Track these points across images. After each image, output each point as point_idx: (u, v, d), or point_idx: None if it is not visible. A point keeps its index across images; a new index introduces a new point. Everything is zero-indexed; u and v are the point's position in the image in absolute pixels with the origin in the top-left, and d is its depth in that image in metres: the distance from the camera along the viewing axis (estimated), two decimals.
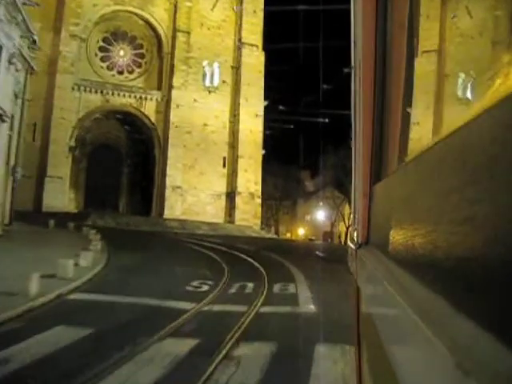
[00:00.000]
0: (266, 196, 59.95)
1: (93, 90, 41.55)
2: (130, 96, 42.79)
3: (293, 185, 64.60)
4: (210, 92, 45.48)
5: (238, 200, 44.78)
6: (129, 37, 45.20)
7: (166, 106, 43.71)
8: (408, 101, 1.72)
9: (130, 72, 45.10)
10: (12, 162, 23.62)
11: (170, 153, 42.86)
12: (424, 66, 38.90)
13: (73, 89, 40.69)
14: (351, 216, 2.23)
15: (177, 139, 43.16)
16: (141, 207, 45.51)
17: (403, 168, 1.11)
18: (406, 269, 0.83)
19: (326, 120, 46.32)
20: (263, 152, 51.68)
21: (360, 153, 1.68)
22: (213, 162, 45.08)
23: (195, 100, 44.27)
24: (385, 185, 1.37)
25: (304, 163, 59.69)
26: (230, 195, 45.33)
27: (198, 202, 44.16)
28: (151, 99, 43.54)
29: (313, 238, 61.38)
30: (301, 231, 65.28)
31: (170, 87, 43.51)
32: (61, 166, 39.74)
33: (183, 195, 43.50)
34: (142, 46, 45.62)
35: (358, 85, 1.71)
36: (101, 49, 44.23)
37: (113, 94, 42.21)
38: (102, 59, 44.15)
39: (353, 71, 1.80)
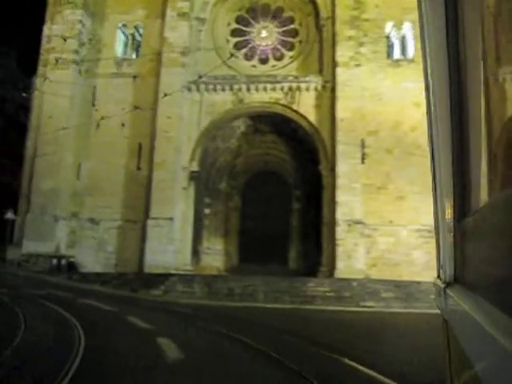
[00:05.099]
0: None
1: (218, 88, 27.88)
2: (273, 89, 28.00)
3: None
4: (400, 68, 28.19)
5: None
6: (273, 10, 31.05)
7: (331, 96, 27.73)
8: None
9: (279, 58, 30.51)
10: None
11: (340, 167, 26.20)
12: None
13: (189, 89, 27.67)
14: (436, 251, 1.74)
15: (349, 145, 26.38)
16: (314, 259, 29.47)
17: (497, 201, 0.99)
18: (502, 308, 0.79)
19: None
20: None
21: (441, 183, 1.55)
22: (417, 178, 26.90)
23: (377, 81, 27.35)
24: (474, 220, 1.25)
25: None
26: None
27: (396, 245, 26.17)
28: (307, 89, 27.99)
29: None
30: None
31: (335, 66, 27.59)
32: (173, 201, 26.38)
33: (370, 236, 26.18)
34: (292, 20, 30.96)
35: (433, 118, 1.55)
36: (234, 33, 30.86)
37: (248, 90, 27.96)
38: (237, 46, 30.61)
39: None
